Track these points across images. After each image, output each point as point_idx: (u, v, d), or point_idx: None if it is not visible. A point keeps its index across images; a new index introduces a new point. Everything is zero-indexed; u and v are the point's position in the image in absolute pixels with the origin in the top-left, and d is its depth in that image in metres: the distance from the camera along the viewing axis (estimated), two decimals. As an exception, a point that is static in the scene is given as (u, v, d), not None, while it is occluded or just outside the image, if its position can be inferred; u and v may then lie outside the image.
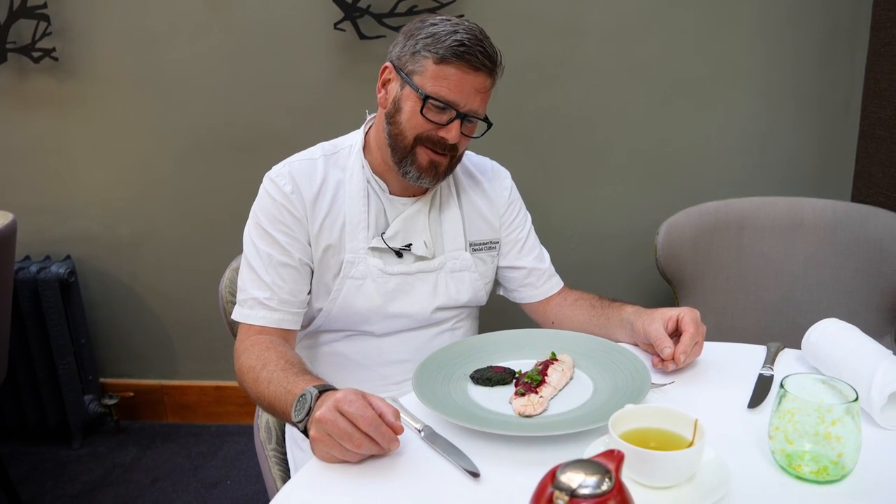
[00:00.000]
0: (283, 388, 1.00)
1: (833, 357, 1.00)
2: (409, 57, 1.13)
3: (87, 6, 2.06)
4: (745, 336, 1.63)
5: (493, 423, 0.91)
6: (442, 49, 1.09)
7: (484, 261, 1.30)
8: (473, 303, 1.31)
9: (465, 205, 1.29)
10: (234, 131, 2.13)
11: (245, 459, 2.21)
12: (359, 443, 0.83)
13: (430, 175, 1.16)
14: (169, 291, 2.31)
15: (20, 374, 2.21)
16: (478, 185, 1.32)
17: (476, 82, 1.11)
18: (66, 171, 2.23)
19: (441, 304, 1.25)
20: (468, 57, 1.09)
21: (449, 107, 1.11)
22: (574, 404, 0.97)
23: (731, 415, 0.95)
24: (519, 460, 0.86)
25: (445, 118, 1.12)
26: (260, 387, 1.05)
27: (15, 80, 2.15)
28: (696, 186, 2.01)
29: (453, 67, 1.09)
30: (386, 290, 1.21)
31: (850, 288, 1.65)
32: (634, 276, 2.10)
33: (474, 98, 1.12)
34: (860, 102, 1.93)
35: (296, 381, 0.99)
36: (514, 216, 1.34)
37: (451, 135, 1.12)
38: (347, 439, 0.84)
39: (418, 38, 1.12)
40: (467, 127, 1.15)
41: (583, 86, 1.99)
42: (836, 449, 0.77)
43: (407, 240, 1.22)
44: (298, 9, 1.99)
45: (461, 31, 1.10)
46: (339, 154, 1.24)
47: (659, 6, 1.91)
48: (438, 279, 1.25)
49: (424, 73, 1.11)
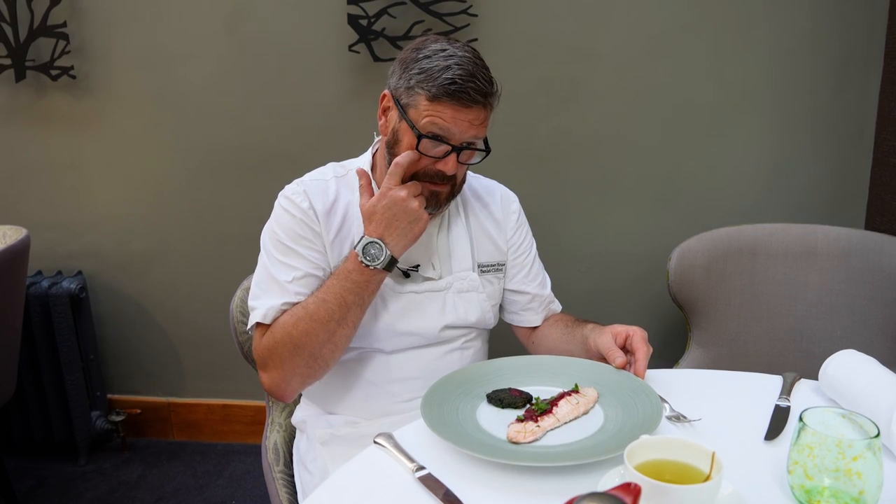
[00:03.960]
0: (336, 280, 1.11)
1: (851, 390, 0.99)
2: (404, 91, 1.12)
3: (106, 25, 2.09)
4: (758, 364, 1.61)
5: (475, 444, 0.89)
6: (434, 87, 1.08)
7: (491, 282, 1.31)
8: (481, 324, 1.31)
9: (473, 226, 1.30)
10: (247, 150, 2.14)
11: (251, 479, 2.19)
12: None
13: (431, 204, 1.17)
14: (178, 309, 2.31)
15: (28, 388, 2.21)
16: (486, 207, 1.33)
17: (470, 116, 1.11)
18: (80, 187, 2.25)
19: (449, 322, 1.25)
20: (460, 95, 1.08)
21: (443, 141, 1.11)
22: (571, 439, 0.94)
23: (747, 447, 0.93)
24: (510, 488, 0.85)
25: (441, 152, 1.12)
26: (317, 308, 1.11)
27: (33, 97, 2.18)
28: (709, 212, 2.00)
29: (445, 105, 1.09)
30: (396, 307, 1.21)
31: (865, 317, 1.63)
32: (646, 302, 2.08)
33: (468, 131, 1.12)
34: (874, 130, 1.93)
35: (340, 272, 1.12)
36: (521, 241, 1.35)
37: (448, 167, 1.13)
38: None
39: (412, 73, 1.11)
40: (465, 155, 1.16)
41: (595, 110, 1.99)
42: (858, 486, 0.75)
43: (414, 261, 1.24)
44: (314, 30, 2.02)
45: (453, 65, 1.08)
46: (348, 175, 1.26)
47: (671, 31, 1.92)
48: (447, 299, 1.25)
49: (418, 108, 1.11)
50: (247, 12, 2.03)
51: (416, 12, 1.93)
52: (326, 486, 0.87)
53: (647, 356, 1.09)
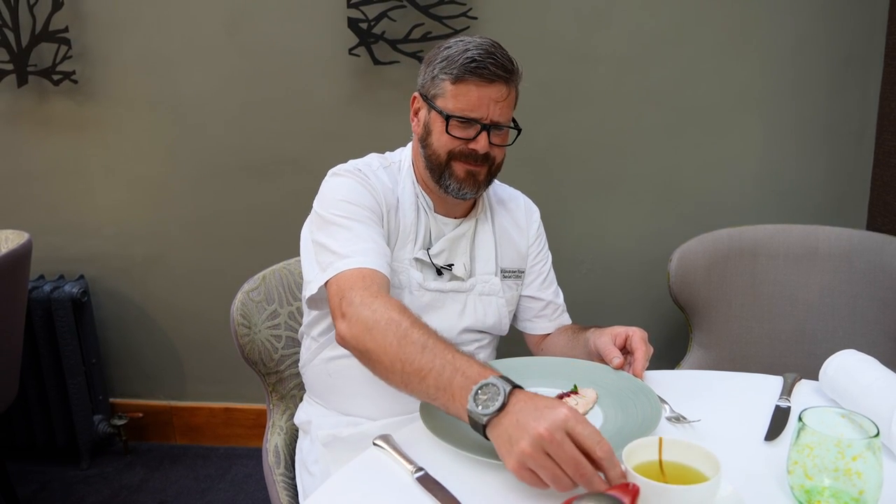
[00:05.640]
0: (446, 360, 0.88)
1: (851, 390, 0.98)
2: (430, 82, 1.18)
3: (108, 30, 2.10)
4: (759, 365, 1.61)
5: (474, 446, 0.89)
6: (456, 69, 1.14)
7: (511, 287, 1.34)
8: (496, 329, 1.33)
9: (498, 232, 1.33)
10: (249, 154, 2.15)
11: (253, 483, 2.19)
12: (584, 473, 0.72)
13: (470, 185, 1.19)
14: (180, 313, 2.32)
15: (31, 392, 2.21)
16: (511, 215, 1.37)
17: (493, 93, 1.15)
18: (82, 191, 2.25)
19: (468, 325, 1.27)
20: (480, 71, 1.13)
21: (472, 121, 1.15)
22: None
23: (747, 447, 0.93)
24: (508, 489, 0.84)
25: (472, 132, 1.17)
26: (409, 349, 0.91)
27: (35, 102, 2.18)
28: (710, 213, 2.00)
29: (469, 84, 1.14)
30: (420, 303, 1.22)
31: (867, 317, 1.62)
32: (647, 303, 2.08)
33: (494, 108, 1.16)
34: (874, 130, 1.92)
35: (462, 360, 0.87)
36: (540, 250, 1.39)
37: (480, 145, 1.17)
38: (573, 467, 0.72)
39: (435, 63, 1.18)
40: (497, 136, 1.19)
41: (595, 112, 2.00)
42: (858, 486, 0.75)
43: (450, 259, 1.26)
44: (314, 34, 2.02)
45: (472, 47, 1.14)
46: (392, 167, 1.28)
47: (672, 33, 1.92)
48: (468, 300, 1.27)
49: (445, 95, 1.16)
50: (247, 17, 2.04)
51: (416, 15, 1.94)
52: (325, 489, 0.87)
53: (647, 357, 1.10)
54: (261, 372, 1.40)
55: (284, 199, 2.13)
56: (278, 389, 1.42)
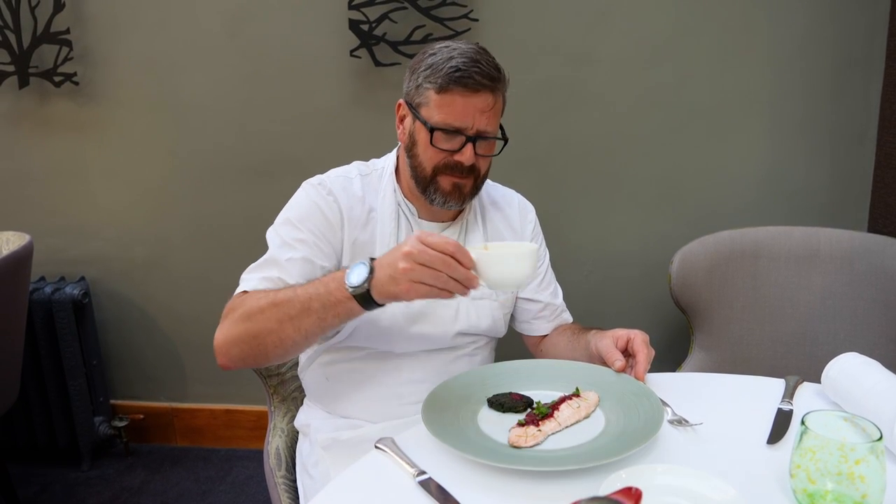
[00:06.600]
0: (313, 285, 1.01)
1: (854, 393, 0.98)
2: (415, 90, 1.15)
3: (109, 32, 2.10)
4: (761, 367, 1.61)
5: (476, 449, 0.89)
6: (440, 78, 1.11)
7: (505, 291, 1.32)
8: (492, 332, 1.31)
9: (490, 234, 1.31)
10: (249, 156, 2.15)
11: (254, 485, 2.19)
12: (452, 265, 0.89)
13: (455, 198, 1.18)
14: (181, 314, 2.32)
15: (31, 394, 2.21)
16: (504, 216, 1.34)
17: (478, 103, 1.12)
18: (83, 193, 2.25)
19: (462, 329, 1.25)
20: (465, 80, 1.10)
21: (457, 132, 1.13)
22: (572, 443, 0.94)
23: (750, 451, 0.93)
24: (511, 492, 0.84)
25: (457, 143, 1.14)
26: (283, 303, 1.02)
27: (36, 103, 2.18)
28: (711, 215, 2.00)
29: (454, 94, 1.11)
30: (410, 310, 1.21)
31: (868, 319, 1.62)
32: (648, 305, 2.08)
33: (480, 118, 1.13)
34: (876, 132, 1.92)
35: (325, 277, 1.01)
36: None
37: (465, 157, 1.14)
38: (443, 264, 0.88)
39: (419, 70, 1.14)
40: (483, 146, 1.16)
41: (596, 114, 1.99)
42: (861, 489, 0.75)
43: None
44: (315, 36, 2.02)
45: (457, 55, 1.11)
46: (372, 175, 1.27)
47: (673, 35, 1.92)
48: (460, 305, 1.25)
49: (429, 105, 1.13)
50: (248, 19, 2.04)
51: (417, 17, 1.94)
52: (327, 491, 0.87)
53: (649, 359, 1.09)
54: (262, 374, 1.40)
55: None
56: (279, 391, 1.42)
